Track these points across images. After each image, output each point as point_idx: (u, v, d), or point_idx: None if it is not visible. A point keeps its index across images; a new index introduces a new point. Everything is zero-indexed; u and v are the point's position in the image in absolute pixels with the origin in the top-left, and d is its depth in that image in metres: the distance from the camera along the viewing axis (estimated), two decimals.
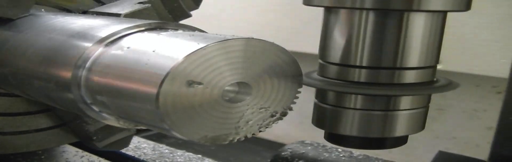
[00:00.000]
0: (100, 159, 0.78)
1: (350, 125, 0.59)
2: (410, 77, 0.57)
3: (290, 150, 0.86)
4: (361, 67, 0.57)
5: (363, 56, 0.57)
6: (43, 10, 0.60)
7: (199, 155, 0.83)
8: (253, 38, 0.39)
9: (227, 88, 0.39)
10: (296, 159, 0.85)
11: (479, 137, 1.27)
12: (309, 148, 0.87)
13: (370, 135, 0.59)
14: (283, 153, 0.86)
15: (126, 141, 0.66)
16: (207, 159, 0.82)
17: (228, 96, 0.40)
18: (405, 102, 0.58)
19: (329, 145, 0.87)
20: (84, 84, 0.43)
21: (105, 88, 0.41)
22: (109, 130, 0.62)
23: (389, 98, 0.58)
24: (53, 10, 0.61)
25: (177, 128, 0.38)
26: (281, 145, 0.95)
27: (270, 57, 0.40)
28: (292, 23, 1.35)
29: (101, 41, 0.43)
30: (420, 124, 0.61)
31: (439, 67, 0.59)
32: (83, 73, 0.43)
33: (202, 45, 0.37)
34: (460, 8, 0.56)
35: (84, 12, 0.62)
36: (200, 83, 0.37)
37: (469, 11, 0.58)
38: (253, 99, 0.41)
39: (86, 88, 0.43)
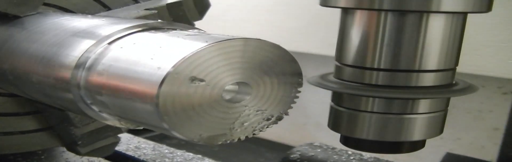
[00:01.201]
0: (100, 159, 0.78)
1: (367, 128, 0.58)
2: (428, 80, 0.56)
3: (299, 153, 0.85)
4: (378, 69, 0.56)
5: (381, 58, 0.56)
6: (51, 11, 0.59)
7: (199, 155, 0.83)
8: (252, 38, 0.39)
9: (227, 88, 0.39)
10: None
11: (485, 138, 1.26)
12: (318, 150, 0.86)
13: (387, 139, 0.57)
14: (292, 156, 0.85)
15: (109, 148, 0.66)
16: (207, 159, 0.82)
17: (227, 96, 0.40)
18: (423, 105, 0.57)
19: (339, 147, 0.86)
20: (84, 84, 0.43)
21: (105, 88, 0.41)
22: (95, 135, 0.62)
23: (407, 101, 0.57)
24: (61, 12, 0.60)
25: (177, 128, 0.38)
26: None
27: (270, 57, 0.40)
28: (297, 23, 1.33)
29: (101, 40, 0.43)
30: (438, 128, 0.60)
31: None
32: (83, 73, 0.43)
33: (202, 45, 0.37)
34: (480, 10, 0.55)
35: None
36: (202, 80, 0.37)
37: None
38: (252, 100, 0.41)
39: (86, 88, 0.43)
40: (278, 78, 0.41)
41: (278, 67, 0.41)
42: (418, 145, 0.60)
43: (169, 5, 0.62)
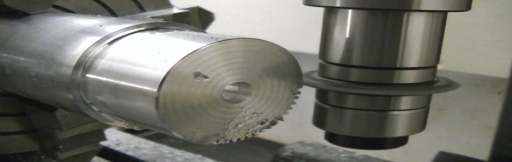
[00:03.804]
0: (100, 159, 0.78)
1: (350, 125, 0.59)
2: (410, 77, 0.57)
3: (291, 150, 0.86)
4: (361, 67, 0.57)
5: (363, 56, 0.57)
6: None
7: (199, 156, 0.83)
8: (253, 38, 0.39)
9: (227, 88, 0.39)
10: (297, 159, 0.85)
11: (480, 137, 1.27)
12: (310, 148, 0.87)
13: (370, 136, 0.59)
14: (283, 153, 0.86)
15: (88, 157, 0.65)
16: (207, 159, 0.82)
17: (227, 96, 0.40)
18: (406, 102, 0.58)
19: (330, 145, 0.88)
20: (84, 84, 0.42)
21: (105, 88, 0.41)
22: (78, 140, 0.61)
23: (389, 98, 0.58)
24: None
25: (176, 128, 0.38)
26: None
27: (270, 57, 0.40)
28: (295, 23, 1.35)
29: (101, 40, 0.43)
30: (421, 124, 0.61)
31: (439, 67, 0.59)
32: (83, 73, 0.42)
33: (203, 45, 0.37)
34: (460, 8, 0.56)
35: None
36: (206, 77, 0.37)
37: (471, 11, 0.58)
38: (251, 101, 0.41)
39: (85, 88, 0.43)
40: (279, 80, 0.41)
41: (280, 69, 0.41)
42: (401, 141, 0.61)
43: (176, 15, 0.63)
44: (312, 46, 1.27)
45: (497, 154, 1.05)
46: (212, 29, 0.67)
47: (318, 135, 0.71)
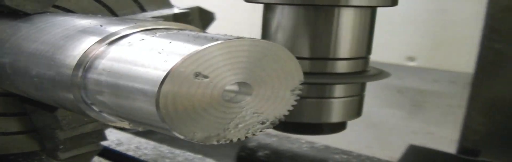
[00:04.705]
0: (100, 159, 0.79)
1: (291, 112, 0.64)
2: (342, 67, 0.62)
3: (256, 141, 0.92)
4: (299, 58, 0.62)
5: (299, 48, 0.62)
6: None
7: (200, 155, 0.85)
8: (258, 39, 0.39)
9: (227, 87, 0.39)
10: (262, 149, 0.90)
11: (455, 132, 1.30)
12: (274, 139, 0.92)
13: (306, 121, 0.64)
14: (249, 144, 0.91)
15: (89, 157, 0.65)
16: (208, 159, 0.83)
17: (228, 96, 0.41)
18: (339, 90, 0.63)
19: (293, 136, 0.93)
20: (84, 84, 0.43)
21: (105, 87, 0.41)
22: (79, 140, 0.61)
23: (324, 86, 0.63)
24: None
25: (177, 128, 0.38)
26: None
27: (271, 57, 0.40)
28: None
29: (102, 40, 0.43)
30: (355, 111, 0.66)
31: (414, 64, 0.64)
32: (83, 73, 0.42)
33: (203, 45, 0.37)
34: (385, 4, 0.61)
35: None
36: (206, 77, 0.37)
37: (443, 9, 0.63)
38: (251, 101, 0.41)
39: (86, 88, 0.43)
40: (279, 80, 0.41)
41: (282, 70, 0.41)
42: (338, 127, 0.66)
43: (176, 15, 0.64)
44: None
45: (463, 147, 1.09)
46: (211, 29, 0.70)
47: None
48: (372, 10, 0.63)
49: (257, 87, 0.40)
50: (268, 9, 0.64)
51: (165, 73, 0.36)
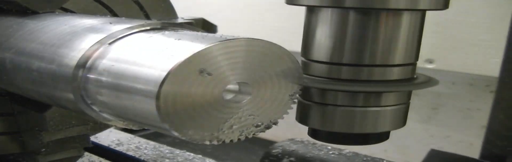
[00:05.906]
0: (101, 159, 0.79)
1: (333, 121, 0.60)
2: (390, 74, 0.59)
3: (281, 148, 0.88)
4: (343, 64, 0.59)
5: (345, 54, 0.58)
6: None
7: (200, 155, 0.84)
8: (255, 38, 0.39)
9: (227, 87, 0.39)
10: (286, 156, 0.86)
11: (473, 136, 1.28)
12: (300, 145, 0.89)
13: (353, 131, 0.60)
14: (274, 151, 0.88)
15: None
16: (208, 159, 0.83)
17: (227, 96, 0.40)
18: (386, 98, 0.60)
19: (319, 143, 0.89)
20: (84, 84, 0.43)
21: (105, 87, 0.41)
22: (62, 144, 0.60)
23: (370, 94, 0.59)
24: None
25: (176, 127, 0.38)
26: None
27: (272, 58, 0.40)
28: (289, 23, 1.36)
29: (103, 40, 0.43)
30: (401, 120, 0.62)
31: (432, 66, 0.61)
32: (84, 72, 0.42)
33: (204, 45, 0.37)
34: (437, 7, 0.58)
35: None
36: (210, 74, 0.37)
37: (462, 11, 0.60)
38: (249, 102, 0.41)
39: (86, 88, 0.43)
40: (279, 82, 0.41)
41: (281, 70, 0.41)
42: (383, 137, 0.62)
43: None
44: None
45: (488, 152, 1.07)
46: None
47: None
48: (422, 14, 0.59)
49: (257, 87, 0.40)
50: (311, 12, 0.60)
51: (165, 73, 0.36)
